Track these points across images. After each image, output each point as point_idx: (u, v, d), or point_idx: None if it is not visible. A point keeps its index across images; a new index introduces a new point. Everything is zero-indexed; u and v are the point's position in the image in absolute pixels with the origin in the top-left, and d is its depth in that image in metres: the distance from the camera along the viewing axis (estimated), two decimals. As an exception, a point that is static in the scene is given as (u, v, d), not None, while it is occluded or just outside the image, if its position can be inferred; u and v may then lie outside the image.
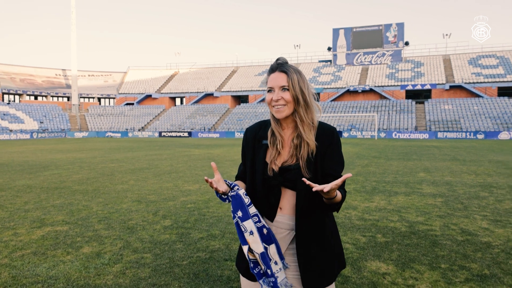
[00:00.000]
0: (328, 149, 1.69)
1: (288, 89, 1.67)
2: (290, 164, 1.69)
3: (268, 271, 1.61)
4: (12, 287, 3.24)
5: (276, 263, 1.63)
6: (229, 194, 1.67)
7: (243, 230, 1.63)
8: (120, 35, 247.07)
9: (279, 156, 1.72)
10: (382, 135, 41.40)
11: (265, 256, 1.61)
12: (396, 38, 55.26)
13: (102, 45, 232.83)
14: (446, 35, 55.88)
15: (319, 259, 1.68)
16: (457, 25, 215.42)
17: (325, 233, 1.72)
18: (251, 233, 1.62)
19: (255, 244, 1.62)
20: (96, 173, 10.97)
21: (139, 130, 52.99)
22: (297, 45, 63.93)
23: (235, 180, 1.88)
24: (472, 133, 38.29)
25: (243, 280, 1.80)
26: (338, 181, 1.46)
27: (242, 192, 1.66)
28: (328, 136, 1.71)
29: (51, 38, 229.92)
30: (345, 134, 42.94)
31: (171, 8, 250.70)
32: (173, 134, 49.40)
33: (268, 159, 1.73)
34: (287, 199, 1.71)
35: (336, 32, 58.01)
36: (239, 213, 1.64)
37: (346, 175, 1.48)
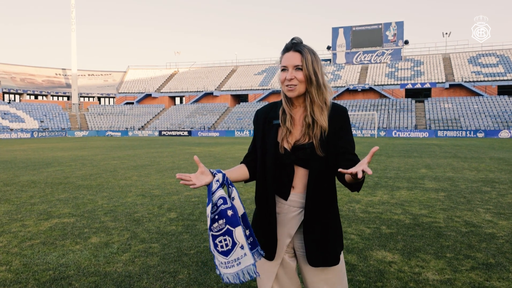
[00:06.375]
0: (341, 130, 1.71)
1: (301, 69, 1.68)
2: (303, 143, 1.70)
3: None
4: (24, 274, 3.28)
5: (242, 247, 1.58)
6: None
7: (207, 214, 1.63)
8: (119, 34, 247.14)
9: (290, 134, 1.73)
10: (382, 133, 41.45)
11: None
12: (395, 37, 55.29)
13: (102, 44, 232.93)
14: (446, 33, 55.92)
15: (325, 238, 1.71)
16: (456, 24, 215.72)
17: (332, 213, 1.74)
18: (214, 218, 1.62)
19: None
20: (99, 169, 11.01)
21: (139, 129, 52.99)
22: (296, 44, 63.70)
23: (243, 160, 1.90)
24: (472, 132, 38.35)
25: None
26: (368, 158, 1.44)
27: (215, 179, 1.64)
28: (341, 117, 1.73)
29: (51, 37, 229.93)
30: (345, 133, 42.88)
31: (171, 7, 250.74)
32: (173, 133, 49.43)
33: (279, 138, 1.74)
34: (300, 178, 1.72)
35: (335, 31, 58.02)
36: (207, 199, 1.64)
37: (374, 149, 1.43)
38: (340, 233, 1.79)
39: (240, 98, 60.71)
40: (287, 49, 1.72)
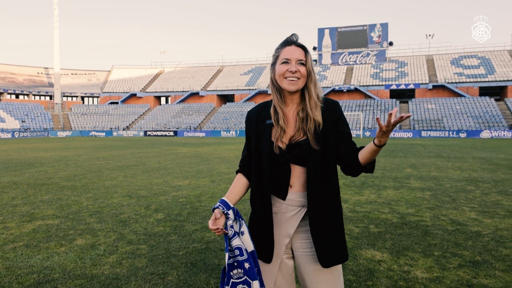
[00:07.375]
0: (337, 123, 1.71)
1: (304, 64, 1.67)
2: (298, 139, 1.67)
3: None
4: (7, 278, 3.18)
5: None
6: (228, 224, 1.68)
7: (226, 262, 1.66)
8: (104, 34, 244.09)
9: (284, 133, 1.70)
10: (367, 134, 41.87)
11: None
12: (380, 38, 55.91)
13: (86, 44, 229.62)
14: (429, 35, 56.83)
15: (332, 235, 1.68)
16: (440, 26, 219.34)
17: (336, 209, 1.71)
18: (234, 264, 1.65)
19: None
20: (83, 170, 10.82)
21: (124, 129, 52.37)
22: (282, 45, 63.84)
23: (239, 167, 1.86)
24: (454, 132, 39.05)
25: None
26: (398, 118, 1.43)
27: (229, 225, 1.66)
28: (335, 111, 1.72)
29: (33, 35, 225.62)
30: (330, 133, 43.18)
31: (156, 6, 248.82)
32: (159, 133, 49.01)
33: (273, 138, 1.70)
34: (297, 176, 1.69)
35: (321, 32, 58.36)
36: (225, 244, 1.68)
37: (407, 115, 1.40)
38: (343, 227, 1.77)
39: (226, 98, 60.55)
40: (288, 43, 1.71)
